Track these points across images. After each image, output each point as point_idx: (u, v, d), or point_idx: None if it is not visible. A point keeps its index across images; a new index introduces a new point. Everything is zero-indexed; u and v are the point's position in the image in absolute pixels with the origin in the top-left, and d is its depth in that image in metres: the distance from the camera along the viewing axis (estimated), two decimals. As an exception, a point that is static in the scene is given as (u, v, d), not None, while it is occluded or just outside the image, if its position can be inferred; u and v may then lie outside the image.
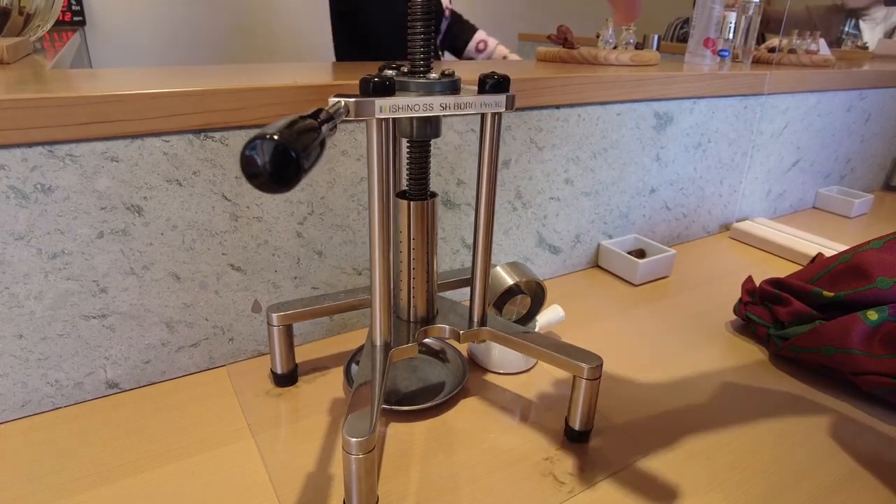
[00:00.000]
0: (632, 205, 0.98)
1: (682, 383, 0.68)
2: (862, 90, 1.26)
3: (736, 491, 0.52)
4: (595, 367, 0.54)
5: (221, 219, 0.62)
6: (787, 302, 0.73)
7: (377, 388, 0.50)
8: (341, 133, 0.66)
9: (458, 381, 0.64)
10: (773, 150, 1.16)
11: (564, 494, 0.51)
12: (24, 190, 0.52)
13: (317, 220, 0.68)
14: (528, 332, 0.60)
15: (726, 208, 1.15)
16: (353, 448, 0.44)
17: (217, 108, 0.58)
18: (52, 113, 0.50)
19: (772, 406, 0.64)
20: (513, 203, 0.83)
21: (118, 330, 0.60)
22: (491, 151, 0.52)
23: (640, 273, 0.90)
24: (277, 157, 0.28)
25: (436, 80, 0.48)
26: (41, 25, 1.03)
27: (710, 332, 0.79)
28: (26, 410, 0.59)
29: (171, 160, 0.58)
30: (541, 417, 0.61)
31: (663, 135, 0.95)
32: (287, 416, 0.60)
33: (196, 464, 0.53)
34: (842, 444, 0.59)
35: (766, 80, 1.05)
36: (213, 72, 0.69)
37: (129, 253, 0.58)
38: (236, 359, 0.69)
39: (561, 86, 0.79)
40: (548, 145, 0.82)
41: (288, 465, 0.53)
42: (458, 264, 0.82)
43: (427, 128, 0.52)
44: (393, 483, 0.52)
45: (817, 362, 0.69)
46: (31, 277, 0.55)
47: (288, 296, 0.69)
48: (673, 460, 0.56)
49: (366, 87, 0.45)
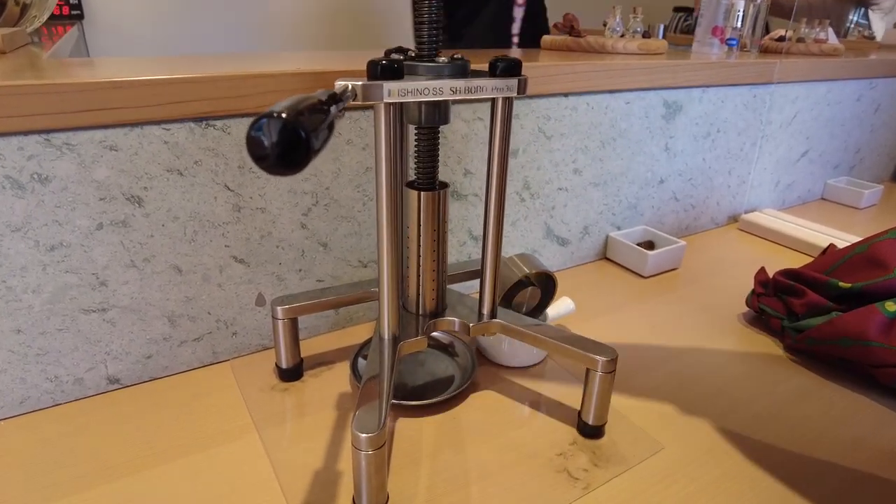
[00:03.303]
0: (640, 196, 0.96)
1: (696, 376, 0.66)
2: (872, 79, 1.24)
3: (756, 486, 0.51)
4: (610, 361, 0.52)
5: (224, 210, 0.60)
6: (802, 293, 0.71)
7: (386, 383, 0.49)
8: (346, 121, 0.64)
9: (468, 375, 0.63)
10: (782, 140, 1.14)
11: (579, 491, 0.50)
12: (21, 180, 0.50)
13: (322, 212, 0.66)
14: (539, 324, 0.58)
15: (735, 199, 1.13)
16: (363, 444, 0.42)
17: (218, 96, 0.56)
18: (49, 100, 0.49)
19: (788, 400, 0.63)
20: (520, 194, 0.81)
21: (119, 324, 0.59)
22: (502, 138, 0.51)
23: (649, 265, 0.89)
24: (286, 137, 0.26)
25: (445, 64, 0.47)
26: (37, 16, 1.01)
27: (722, 325, 0.77)
28: (25, 407, 0.57)
29: (172, 149, 0.56)
30: (552, 412, 0.59)
31: (672, 124, 0.93)
32: (293, 412, 0.58)
33: (200, 461, 0.52)
34: (862, 438, 0.57)
35: (776, 69, 1.03)
36: (214, 60, 0.68)
37: (130, 245, 0.57)
38: (240, 353, 0.67)
39: (569, 73, 0.77)
40: (556, 134, 0.81)
41: (294, 461, 0.52)
42: (464, 256, 0.80)
43: (436, 113, 0.51)
44: (402, 479, 0.50)
45: (834, 355, 0.67)
46: (28, 270, 0.53)
47: (292, 289, 0.67)
48: (689, 455, 0.54)
49: (374, 70, 0.43)
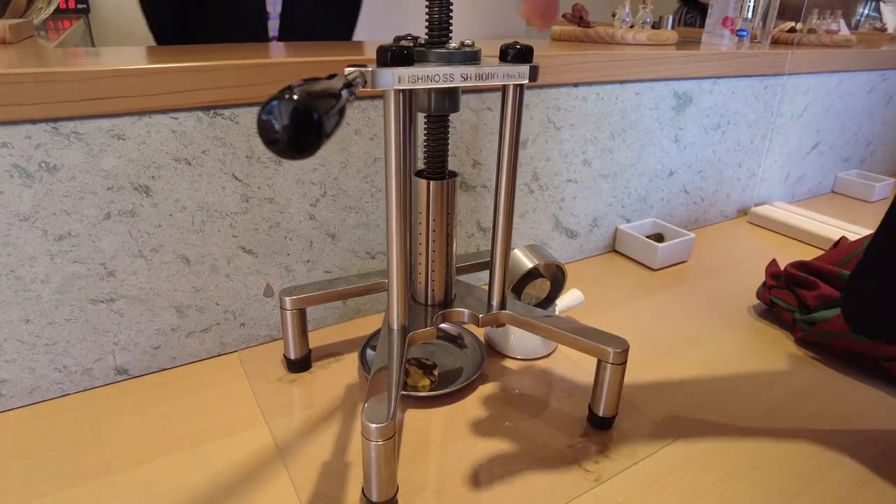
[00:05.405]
0: (650, 188, 0.95)
1: (706, 369, 0.65)
2: (884, 71, 1.22)
3: (768, 479, 0.50)
4: (622, 352, 0.52)
5: (232, 199, 0.60)
6: (815, 286, 0.71)
7: (395, 373, 0.48)
8: (354, 111, 0.64)
9: (477, 366, 0.63)
10: (793, 132, 1.13)
11: (590, 483, 0.49)
12: (29, 169, 0.50)
13: (330, 202, 0.66)
14: (549, 315, 0.58)
15: (744, 192, 1.12)
16: (373, 434, 0.42)
17: (226, 85, 0.56)
18: (56, 88, 0.48)
19: (800, 392, 0.62)
20: (529, 185, 0.81)
21: (127, 314, 0.59)
22: (512, 127, 0.50)
23: (659, 257, 0.88)
24: (298, 119, 0.26)
25: (455, 50, 0.46)
26: (44, 8, 1.01)
27: (732, 317, 0.76)
28: (34, 397, 0.57)
29: (180, 138, 0.56)
30: (562, 404, 0.59)
31: (682, 116, 0.92)
32: (301, 403, 0.58)
33: (208, 452, 0.52)
34: (875, 432, 0.57)
35: (788, 60, 1.02)
36: (221, 49, 0.67)
37: (137, 235, 0.57)
38: (248, 344, 0.67)
39: (579, 63, 0.76)
40: (566, 125, 0.80)
41: (303, 452, 0.52)
42: (473, 248, 0.79)
43: (445, 101, 0.50)
44: (412, 470, 0.50)
45: (846, 348, 0.67)
46: (36, 260, 0.53)
47: (300, 280, 0.67)
48: (700, 448, 0.54)
49: (383, 56, 0.42)
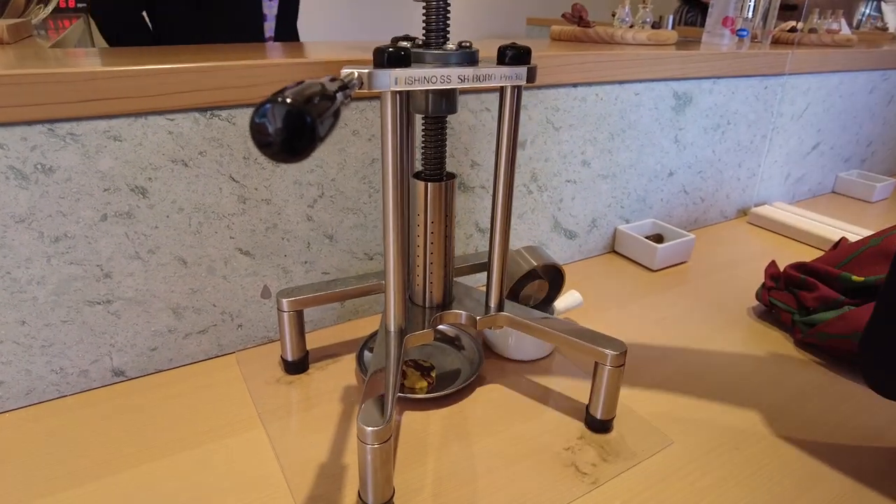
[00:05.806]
0: (649, 188, 0.95)
1: (705, 371, 0.65)
2: (885, 70, 1.22)
3: (767, 482, 0.50)
4: (620, 354, 0.51)
5: (229, 201, 0.60)
6: (814, 287, 0.70)
7: (392, 376, 0.48)
8: (351, 112, 0.63)
9: (474, 368, 0.62)
10: (793, 132, 1.12)
11: (587, 486, 0.49)
12: (24, 170, 0.50)
13: (327, 203, 0.65)
14: (547, 317, 0.57)
15: (744, 192, 1.11)
16: (369, 437, 0.42)
17: (223, 85, 0.55)
18: (52, 89, 0.48)
19: (799, 394, 0.62)
20: (528, 186, 0.80)
21: (124, 316, 0.58)
22: (510, 128, 0.50)
23: (658, 258, 0.88)
24: (291, 123, 0.26)
25: (453, 52, 0.46)
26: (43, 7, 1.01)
27: (731, 319, 0.76)
28: (31, 399, 0.57)
29: (177, 139, 0.55)
30: (560, 406, 0.59)
31: (682, 116, 0.92)
32: (298, 405, 0.58)
33: (205, 454, 0.52)
34: (873, 434, 0.56)
35: (789, 60, 1.02)
36: (219, 50, 0.67)
37: (134, 236, 0.56)
38: (245, 346, 0.67)
39: (578, 63, 0.76)
40: (565, 125, 0.80)
41: (300, 455, 0.52)
42: (471, 249, 0.79)
43: (443, 102, 0.50)
44: (409, 474, 0.50)
45: (846, 349, 0.66)
46: (32, 262, 0.53)
47: (298, 281, 0.67)
48: (698, 451, 0.53)
49: (380, 57, 0.42)
